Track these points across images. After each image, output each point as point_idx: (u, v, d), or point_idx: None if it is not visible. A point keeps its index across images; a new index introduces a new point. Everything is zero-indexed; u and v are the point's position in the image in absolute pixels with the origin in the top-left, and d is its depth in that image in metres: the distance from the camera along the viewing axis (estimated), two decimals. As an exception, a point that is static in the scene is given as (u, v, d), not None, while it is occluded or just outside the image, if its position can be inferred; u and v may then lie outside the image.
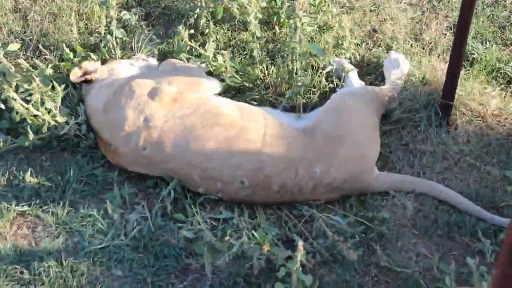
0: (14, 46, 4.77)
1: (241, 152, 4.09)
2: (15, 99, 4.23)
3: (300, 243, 3.53)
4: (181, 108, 4.23)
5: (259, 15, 4.78)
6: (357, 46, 4.99)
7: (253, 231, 3.94)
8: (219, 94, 4.65)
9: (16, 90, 4.32)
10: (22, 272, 3.88)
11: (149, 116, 4.21)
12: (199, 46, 4.69)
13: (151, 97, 4.26)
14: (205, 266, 3.86)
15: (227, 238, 3.87)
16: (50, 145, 4.47)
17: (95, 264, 3.93)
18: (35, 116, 4.30)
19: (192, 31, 4.81)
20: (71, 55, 4.78)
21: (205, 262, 3.86)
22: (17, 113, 4.27)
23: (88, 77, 4.53)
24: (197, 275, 3.92)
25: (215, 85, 4.56)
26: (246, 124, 4.19)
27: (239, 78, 4.72)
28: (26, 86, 4.34)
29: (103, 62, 4.77)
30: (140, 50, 4.88)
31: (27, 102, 4.32)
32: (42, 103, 4.32)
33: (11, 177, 4.33)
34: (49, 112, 4.32)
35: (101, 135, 4.33)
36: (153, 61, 4.83)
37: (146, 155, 4.19)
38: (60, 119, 4.34)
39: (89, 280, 3.86)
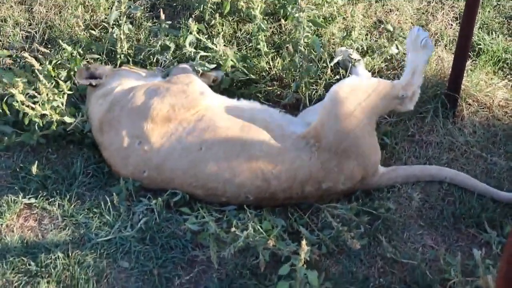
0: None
1: (243, 171, 4.04)
2: (22, 102, 4.22)
3: (303, 243, 3.53)
4: (177, 128, 4.14)
5: (265, 9, 4.78)
6: (364, 36, 4.98)
7: (259, 224, 3.94)
8: (224, 89, 4.64)
9: (23, 92, 4.30)
10: (29, 264, 3.88)
11: (144, 138, 4.13)
12: (206, 38, 4.69)
13: (144, 118, 4.16)
14: (211, 258, 3.86)
15: (233, 229, 3.87)
16: (56, 138, 4.47)
17: (101, 256, 3.94)
18: (42, 115, 4.30)
19: (197, 23, 4.80)
20: (75, 52, 4.75)
21: (211, 253, 3.86)
22: (24, 114, 4.26)
23: (93, 82, 4.42)
24: (204, 266, 3.92)
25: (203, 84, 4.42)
26: (247, 137, 4.09)
27: (245, 72, 4.71)
28: (30, 91, 4.32)
29: (119, 65, 4.74)
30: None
31: (33, 98, 4.31)
32: (48, 100, 4.31)
33: (18, 170, 4.34)
34: (56, 111, 4.32)
35: (101, 151, 4.31)
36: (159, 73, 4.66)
37: (146, 177, 4.16)
38: (68, 119, 4.34)
39: (95, 272, 3.87)
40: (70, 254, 3.92)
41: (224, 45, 4.72)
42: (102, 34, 4.99)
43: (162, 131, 4.13)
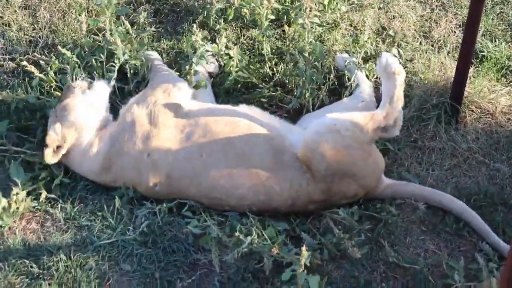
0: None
1: (245, 184, 4.03)
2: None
3: (304, 248, 3.54)
4: (176, 134, 4.15)
5: (270, 16, 4.80)
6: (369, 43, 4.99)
7: (262, 230, 3.93)
8: (227, 92, 4.66)
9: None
10: (31, 267, 3.87)
11: (151, 147, 4.14)
12: (209, 42, 4.70)
13: (144, 128, 4.19)
14: (213, 261, 3.85)
15: (236, 234, 3.86)
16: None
17: (103, 258, 3.93)
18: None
19: (200, 28, 4.82)
20: (74, 57, 4.70)
21: (213, 257, 3.86)
22: None
23: (63, 151, 4.28)
24: (206, 270, 3.91)
25: (186, 91, 4.41)
26: (246, 146, 4.08)
27: (247, 73, 4.72)
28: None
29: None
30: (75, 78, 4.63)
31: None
32: None
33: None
34: None
35: (113, 185, 4.29)
36: (103, 86, 4.55)
37: (158, 190, 4.16)
38: None
39: (98, 274, 3.86)
40: (72, 257, 3.91)
41: (227, 46, 4.74)
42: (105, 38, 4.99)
43: (166, 136, 4.15)
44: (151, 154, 4.12)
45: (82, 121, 4.32)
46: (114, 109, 4.52)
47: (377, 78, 4.73)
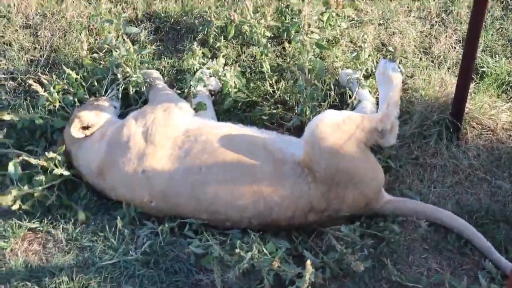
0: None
1: (245, 195, 4.03)
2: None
3: (308, 262, 3.52)
4: (175, 151, 4.16)
5: (268, 34, 4.81)
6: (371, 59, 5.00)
7: (263, 246, 3.93)
8: (228, 111, 4.67)
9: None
10: (33, 288, 3.89)
11: (146, 165, 4.16)
12: (209, 59, 4.71)
13: (142, 144, 4.22)
14: (215, 281, 3.85)
15: (237, 250, 3.86)
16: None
17: (106, 280, 3.93)
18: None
19: (201, 46, 4.82)
20: (79, 77, 4.73)
21: (215, 277, 3.85)
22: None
23: (88, 132, 4.42)
24: (208, 290, 3.92)
25: (187, 110, 4.44)
26: (245, 159, 4.08)
27: (246, 93, 4.73)
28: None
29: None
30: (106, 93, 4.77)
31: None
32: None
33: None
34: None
35: (107, 195, 4.33)
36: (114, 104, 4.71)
37: (154, 206, 4.17)
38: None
39: (100, 296, 3.87)
40: (74, 278, 3.91)
41: (225, 65, 4.74)
42: (107, 57, 5.00)
43: (162, 154, 4.15)
44: (146, 171, 4.13)
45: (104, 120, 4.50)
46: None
47: (377, 94, 4.74)
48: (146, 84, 4.67)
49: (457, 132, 4.52)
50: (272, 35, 5.03)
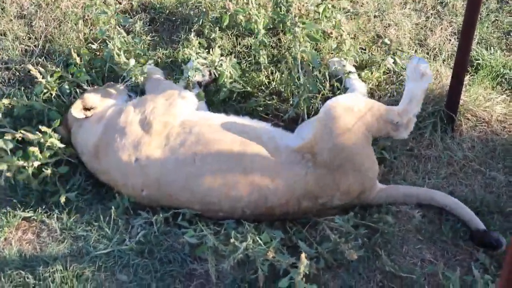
0: None
1: (239, 185, 4.03)
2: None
3: (303, 255, 3.53)
4: (169, 142, 4.16)
5: (267, 22, 4.81)
6: (361, 50, 4.99)
7: (258, 236, 3.93)
8: (223, 101, 4.66)
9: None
10: (27, 278, 3.88)
11: (141, 153, 4.16)
12: (204, 50, 4.70)
13: (139, 132, 4.22)
14: (209, 271, 3.85)
15: (232, 240, 3.86)
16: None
17: (100, 269, 3.93)
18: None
19: (197, 36, 4.81)
20: (78, 60, 4.72)
21: (210, 267, 3.86)
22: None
23: (88, 113, 4.45)
24: (202, 280, 3.92)
25: (191, 100, 4.45)
26: (239, 149, 4.08)
27: (241, 84, 4.72)
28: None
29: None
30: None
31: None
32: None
33: (17, 183, 4.34)
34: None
35: (98, 177, 4.34)
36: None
37: (145, 195, 4.17)
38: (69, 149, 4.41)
39: (94, 285, 3.86)
40: (68, 267, 3.92)
41: (221, 55, 4.73)
42: (102, 47, 4.99)
43: (157, 145, 4.14)
44: (140, 160, 4.13)
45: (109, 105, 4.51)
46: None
47: (372, 86, 4.75)
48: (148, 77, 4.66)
49: (451, 123, 4.53)
50: (269, 26, 5.02)
